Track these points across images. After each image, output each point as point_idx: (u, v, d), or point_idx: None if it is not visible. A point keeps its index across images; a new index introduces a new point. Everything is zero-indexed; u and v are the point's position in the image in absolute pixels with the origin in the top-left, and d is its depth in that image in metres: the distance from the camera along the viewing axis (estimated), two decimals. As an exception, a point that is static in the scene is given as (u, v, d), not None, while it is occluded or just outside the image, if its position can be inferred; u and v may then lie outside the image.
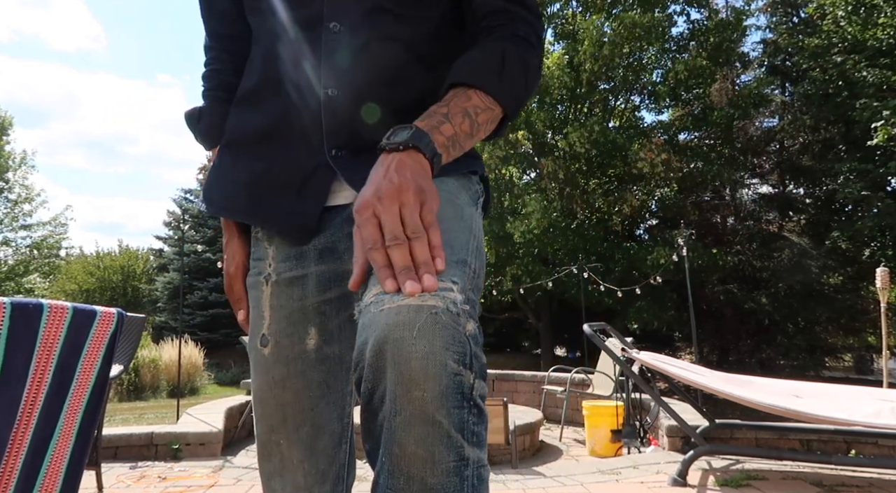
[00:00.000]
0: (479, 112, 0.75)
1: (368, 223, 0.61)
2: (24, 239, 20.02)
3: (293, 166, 0.85)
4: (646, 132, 14.37)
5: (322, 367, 0.86)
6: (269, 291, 0.87)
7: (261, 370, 0.86)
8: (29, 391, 1.39)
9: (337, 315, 0.87)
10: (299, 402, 0.84)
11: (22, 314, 1.38)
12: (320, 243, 0.87)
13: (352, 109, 0.83)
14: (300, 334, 0.85)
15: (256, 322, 0.88)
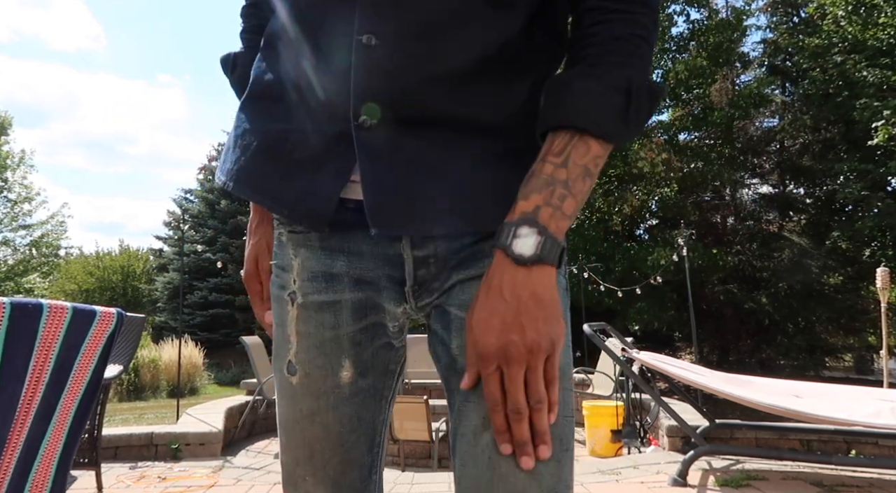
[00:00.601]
0: (598, 163, 0.63)
1: (491, 380, 0.61)
2: (23, 238, 20.04)
3: (311, 132, 0.70)
4: (646, 132, 14.37)
5: (355, 400, 0.77)
6: (296, 313, 0.76)
7: (287, 400, 0.78)
8: (27, 390, 1.40)
9: (371, 343, 0.77)
10: (328, 438, 0.76)
11: (22, 314, 1.38)
12: (356, 271, 0.74)
13: (394, 65, 0.65)
14: (333, 366, 0.75)
15: (282, 343, 0.77)
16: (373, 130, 0.66)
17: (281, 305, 0.77)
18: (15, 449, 1.39)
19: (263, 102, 0.76)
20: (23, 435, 1.40)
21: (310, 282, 0.75)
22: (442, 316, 0.73)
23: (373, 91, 0.66)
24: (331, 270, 0.74)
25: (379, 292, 0.75)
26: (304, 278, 0.75)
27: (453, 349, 0.71)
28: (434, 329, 0.75)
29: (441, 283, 0.73)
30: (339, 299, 0.74)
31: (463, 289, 0.72)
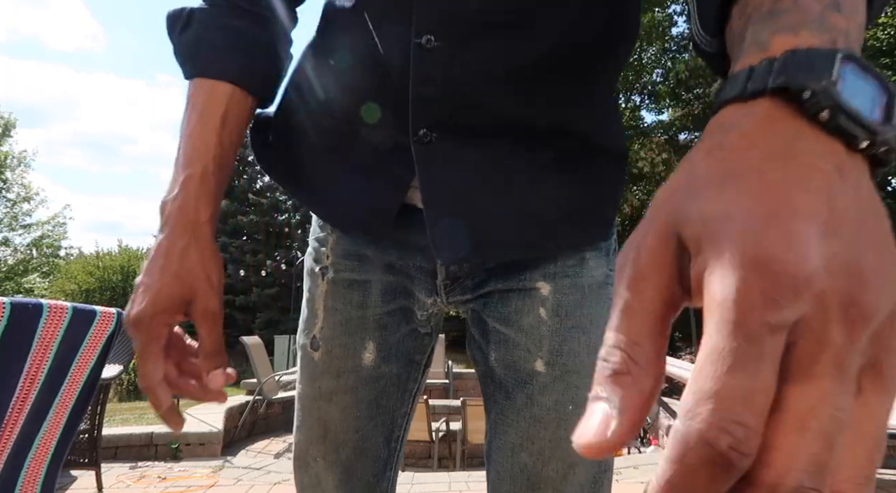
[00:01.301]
0: None
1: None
2: (23, 238, 20.06)
3: (372, 137, 0.64)
4: (646, 132, 14.40)
5: (376, 385, 0.73)
6: (326, 288, 0.73)
7: (307, 376, 0.74)
8: (21, 389, 1.40)
9: (398, 328, 0.73)
10: (345, 420, 0.72)
11: (21, 314, 1.38)
12: (386, 258, 0.71)
13: (454, 67, 0.58)
14: (356, 346, 0.72)
15: (309, 318, 0.74)
16: (432, 144, 0.60)
17: (313, 279, 0.74)
18: (7, 444, 1.39)
19: (329, 90, 0.66)
20: (15, 432, 1.41)
21: (342, 259, 0.73)
22: (479, 323, 0.72)
23: (432, 101, 0.59)
24: (363, 252, 0.72)
25: (410, 279, 0.72)
26: (337, 254, 0.73)
27: (491, 361, 0.69)
28: (472, 332, 0.74)
29: (475, 282, 0.70)
30: (369, 279, 0.72)
31: (503, 301, 0.68)
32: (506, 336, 0.67)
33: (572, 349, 0.65)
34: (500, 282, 0.68)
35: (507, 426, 0.66)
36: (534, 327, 0.66)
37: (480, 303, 0.70)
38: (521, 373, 0.66)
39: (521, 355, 0.66)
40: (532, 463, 0.64)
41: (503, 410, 0.67)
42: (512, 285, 0.67)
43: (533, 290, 0.67)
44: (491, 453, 0.69)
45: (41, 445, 1.48)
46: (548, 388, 0.65)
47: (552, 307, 0.66)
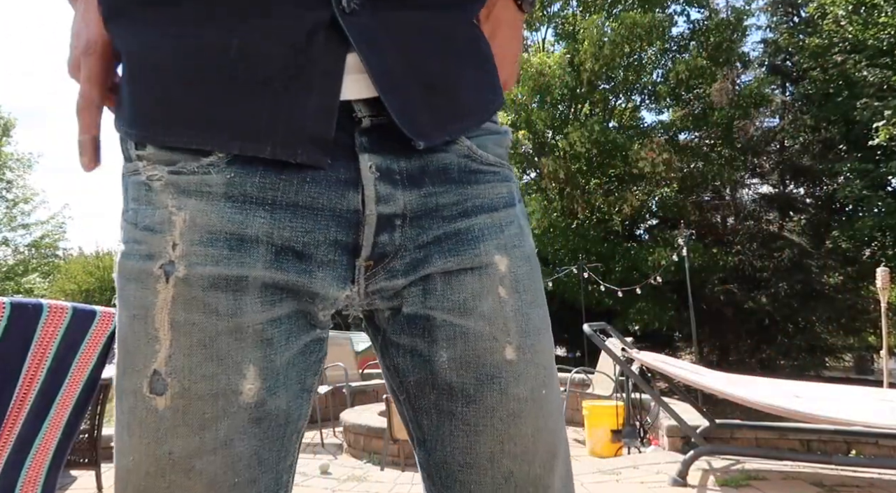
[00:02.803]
0: None
1: None
2: (23, 237, 20.05)
3: (267, 35, 0.49)
4: (646, 132, 14.39)
5: (257, 431, 0.51)
6: (171, 294, 0.50)
7: (145, 437, 0.49)
8: (21, 388, 1.40)
9: (287, 344, 0.53)
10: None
11: (21, 314, 1.38)
12: (283, 234, 0.52)
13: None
14: (229, 377, 0.50)
15: (140, 347, 0.50)
16: (358, 16, 0.50)
17: (143, 286, 0.50)
18: (6, 444, 1.39)
19: (171, 7, 0.51)
20: (15, 431, 1.41)
21: (202, 247, 0.50)
22: (416, 322, 0.57)
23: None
24: (241, 230, 0.50)
25: (312, 269, 0.53)
26: (192, 240, 0.50)
27: (439, 365, 0.57)
28: (393, 339, 0.59)
29: (409, 261, 0.56)
30: (245, 275, 0.50)
31: (451, 286, 0.56)
32: (464, 329, 0.56)
33: (536, 327, 0.59)
34: (451, 259, 0.56)
35: (477, 435, 0.56)
36: (496, 310, 0.57)
37: (417, 292, 0.57)
38: (487, 367, 0.56)
39: (486, 347, 0.56)
40: (518, 467, 0.56)
41: (464, 418, 0.56)
42: (465, 263, 0.56)
43: (490, 266, 0.57)
44: (453, 471, 0.57)
45: (41, 445, 1.48)
46: (522, 376, 0.57)
47: (511, 283, 0.58)
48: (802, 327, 13.61)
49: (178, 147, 0.51)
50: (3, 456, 1.39)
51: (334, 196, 0.52)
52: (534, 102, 13.38)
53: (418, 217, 0.55)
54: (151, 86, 0.51)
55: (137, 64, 0.52)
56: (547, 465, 0.58)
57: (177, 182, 0.51)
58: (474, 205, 0.58)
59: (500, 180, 0.60)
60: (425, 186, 0.55)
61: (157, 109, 0.51)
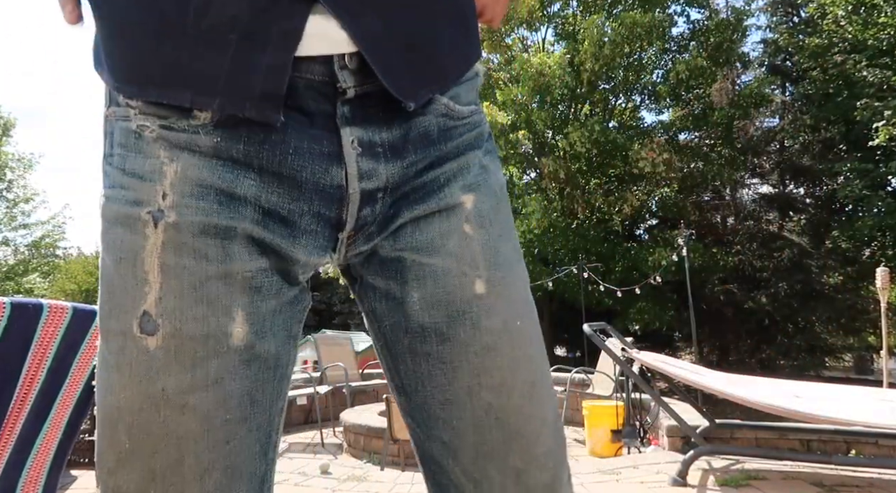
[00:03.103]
0: None
1: None
2: (24, 237, 20.05)
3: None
4: (646, 132, 14.40)
5: (248, 372, 0.53)
6: (161, 239, 0.50)
7: (133, 376, 0.50)
8: (21, 388, 1.40)
9: (276, 293, 0.55)
10: (210, 431, 0.51)
11: (21, 314, 1.38)
12: (270, 199, 0.53)
13: None
14: (219, 319, 0.51)
15: (127, 288, 0.51)
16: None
17: (130, 229, 0.51)
18: (7, 444, 1.39)
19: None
20: (15, 432, 1.41)
21: (193, 199, 0.51)
22: (386, 266, 0.59)
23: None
24: (232, 189, 0.52)
25: (296, 235, 0.54)
26: (182, 191, 0.51)
27: (410, 305, 0.58)
28: (370, 282, 0.60)
29: (381, 224, 0.57)
30: (234, 226, 0.52)
31: (419, 228, 0.58)
32: (433, 267, 0.57)
33: (507, 259, 0.60)
34: (416, 208, 0.58)
35: (454, 371, 0.57)
36: (463, 246, 0.58)
37: (389, 241, 0.58)
38: (458, 303, 0.57)
39: (455, 283, 0.57)
40: (496, 399, 0.57)
41: (439, 356, 0.57)
42: (431, 207, 0.58)
43: (457, 206, 0.59)
44: (434, 411, 0.58)
45: (42, 446, 1.48)
46: (493, 308, 0.58)
47: (476, 219, 0.59)
48: (802, 327, 13.61)
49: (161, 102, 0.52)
50: (4, 456, 1.39)
51: (318, 171, 0.53)
52: (534, 102, 13.38)
53: (398, 186, 0.57)
54: (122, 41, 0.52)
55: (107, 17, 0.53)
56: (526, 393, 0.58)
57: (167, 136, 0.52)
58: (442, 155, 0.59)
59: (470, 129, 0.61)
60: (408, 156, 0.56)
61: (130, 67, 0.52)
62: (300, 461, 3.90)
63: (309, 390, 5.38)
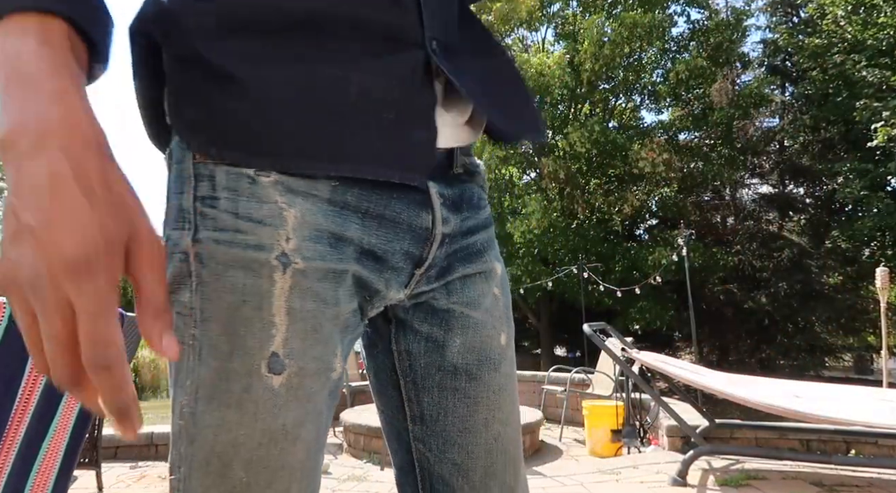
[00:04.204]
0: None
1: None
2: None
3: (390, 70, 0.57)
4: (646, 132, 14.39)
5: (331, 402, 0.60)
6: (289, 283, 0.54)
7: (260, 413, 0.53)
8: (24, 389, 1.40)
9: (356, 329, 0.63)
10: (309, 460, 0.57)
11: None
12: (370, 241, 0.59)
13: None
14: (328, 359, 0.57)
15: (254, 332, 0.53)
16: (439, 55, 0.60)
17: (254, 273, 0.53)
18: (12, 446, 1.39)
19: (295, 37, 0.54)
20: (20, 434, 1.40)
21: (312, 242, 0.55)
22: (439, 314, 0.67)
23: (437, 10, 0.62)
24: (341, 232, 0.56)
25: (385, 272, 0.61)
26: (304, 236, 0.54)
27: (452, 348, 0.68)
28: (415, 327, 0.68)
29: (439, 270, 0.65)
30: (346, 269, 0.57)
31: (467, 285, 0.68)
32: (475, 320, 0.68)
33: (511, 319, 0.75)
34: (468, 266, 0.68)
35: (475, 405, 0.69)
36: (494, 306, 0.71)
37: (443, 292, 0.67)
38: (487, 351, 0.69)
39: (488, 334, 0.69)
40: (503, 430, 0.70)
41: (465, 392, 0.68)
42: (477, 268, 0.69)
43: (491, 271, 0.71)
44: (452, 437, 0.69)
45: (49, 451, 1.47)
46: (507, 357, 0.72)
47: (500, 285, 0.73)
48: (802, 327, 13.61)
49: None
50: (10, 458, 1.39)
51: (413, 214, 0.61)
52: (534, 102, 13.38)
53: (455, 237, 0.67)
54: (274, 114, 0.53)
55: (252, 90, 0.53)
56: (518, 426, 0.74)
57: (286, 182, 0.55)
58: (479, 222, 0.71)
59: (486, 204, 0.75)
60: (462, 212, 0.67)
61: (281, 139, 0.54)
62: (300, 461, 3.90)
63: (309, 390, 5.37)
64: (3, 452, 1.37)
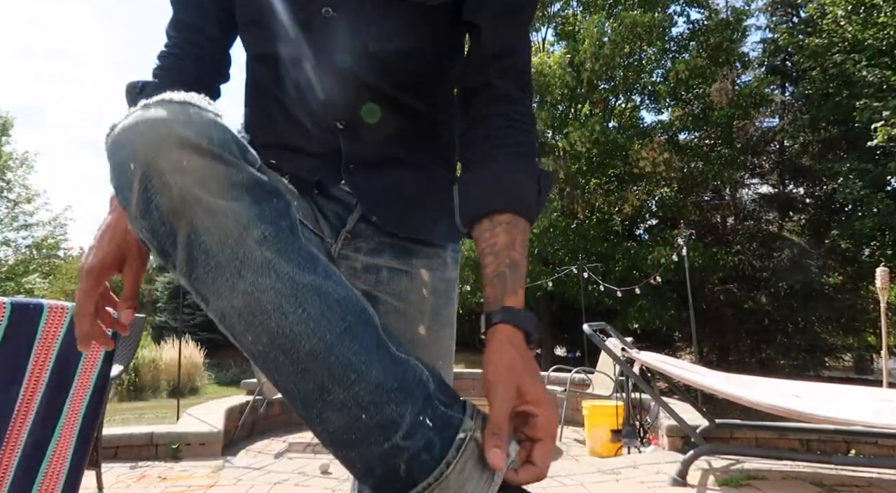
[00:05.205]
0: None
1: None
2: (24, 239, 20.05)
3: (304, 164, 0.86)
4: (646, 132, 14.39)
5: None
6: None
7: None
8: (26, 389, 1.40)
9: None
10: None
11: (21, 314, 1.38)
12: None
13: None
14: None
15: None
16: (352, 173, 0.86)
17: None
18: (15, 448, 1.39)
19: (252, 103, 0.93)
20: (23, 434, 1.40)
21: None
22: (367, 298, 0.77)
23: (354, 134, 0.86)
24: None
25: (327, 216, 0.85)
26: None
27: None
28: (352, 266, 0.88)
29: (370, 248, 0.86)
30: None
31: (393, 279, 0.87)
32: (396, 307, 0.86)
33: (442, 320, 0.90)
34: (393, 260, 0.86)
35: None
36: (419, 301, 0.87)
37: (371, 280, 0.86)
38: (404, 335, 0.82)
39: (408, 322, 0.86)
40: None
41: None
42: (402, 267, 0.87)
43: (418, 274, 0.88)
44: None
45: (57, 450, 1.47)
46: (426, 348, 0.86)
47: (431, 289, 0.88)
48: (802, 326, 13.61)
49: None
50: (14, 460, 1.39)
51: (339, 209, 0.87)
52: (534, 101, 13.40)
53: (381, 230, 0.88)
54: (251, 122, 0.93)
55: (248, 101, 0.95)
56: None
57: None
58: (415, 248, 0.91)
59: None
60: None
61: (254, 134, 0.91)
62: (300, 461, 3.90)
63: (309, 390, 5.37)
64: (7, 453, 1.37)
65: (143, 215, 0.56)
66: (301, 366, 0.55)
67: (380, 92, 0.83)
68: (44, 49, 65.00)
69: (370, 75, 0.82)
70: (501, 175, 0.77)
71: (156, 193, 0.54)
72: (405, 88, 0.85)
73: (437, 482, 0.54)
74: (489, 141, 0.80)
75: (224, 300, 0.55)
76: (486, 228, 0.75)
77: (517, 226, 0.75)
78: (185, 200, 0.53)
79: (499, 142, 0.80)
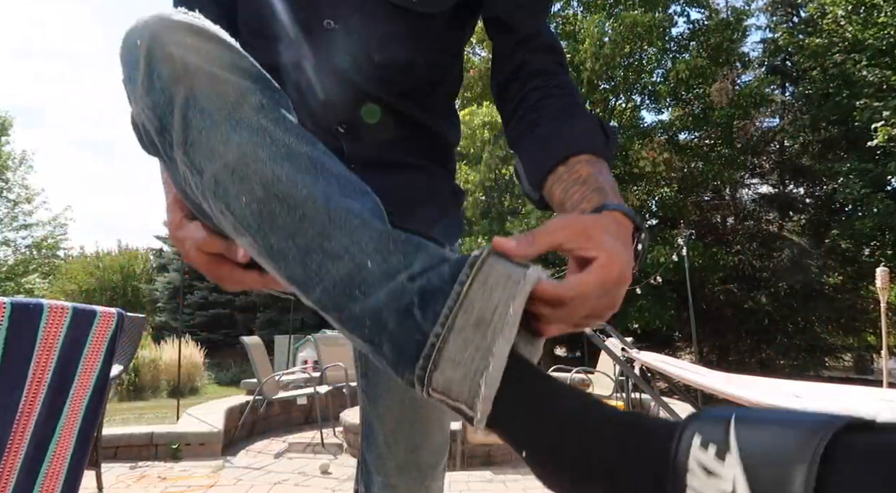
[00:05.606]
0: None
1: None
2: (24, 239, 20.05)
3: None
4: (646, 132, 14.39)
5: None
6: None
7: None
8: (28, 391, 1.40)
9: None
10: None
11: (22, 314, 1.38)
12: None
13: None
14: None
15: None
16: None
17: None
18: (19, 449, 1.39)
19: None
20: (26, 436, 1.40)
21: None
22: None
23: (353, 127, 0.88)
24: None
25: None
26: None
27: None
28: None
29: None
30: None
31: None
32: None
33: None
34: None
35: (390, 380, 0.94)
36: None
37: None
38: None
39: None
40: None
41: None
42: None
43: None
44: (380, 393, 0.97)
45: (57, 450, 1.47)
46: None
47: None
48: (802, 326, 13.61)
49: None
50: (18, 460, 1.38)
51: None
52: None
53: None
54: None
55: None
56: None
57: None
58: None
59: None
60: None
61: None
62: (300, 461, 3.90)
63: (309, 390, 5.38)
64: (11, 455, 1.37)
65: (148, 92, 0.54)
66: (299, 212, 0.50)
67: (380, 100, 0.84)
68: (43, 49, 64.99)
69: (370, 85, 0.83)
70: (561, 128, 0.74)
71: (158, 62, 0.53)
72: (405, 96, 0.86)
73: (457, 303, 0.46)
74: (536, 111, 0.79)
75: (218, 160, 0.52)
76: (562, 172, 0.70)
77: (598, 163, 0.70)
78: (187, 67, 0.52)
79: (546, 108, 0.78)
